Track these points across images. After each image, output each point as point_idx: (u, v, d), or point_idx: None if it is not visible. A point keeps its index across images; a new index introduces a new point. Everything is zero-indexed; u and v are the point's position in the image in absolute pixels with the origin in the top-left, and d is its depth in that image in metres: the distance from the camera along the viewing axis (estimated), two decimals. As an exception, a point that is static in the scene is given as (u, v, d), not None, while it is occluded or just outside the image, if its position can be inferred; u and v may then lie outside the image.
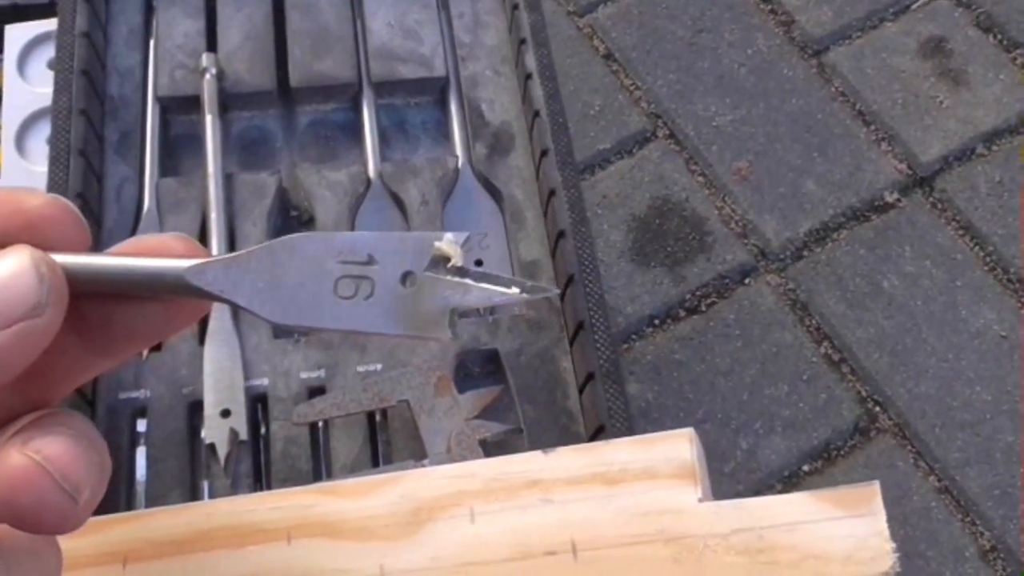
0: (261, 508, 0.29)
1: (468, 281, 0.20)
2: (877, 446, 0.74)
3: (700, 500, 0.26)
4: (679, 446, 0.26)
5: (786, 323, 0.78)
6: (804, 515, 0.24)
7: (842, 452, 0.74)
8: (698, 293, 0.79)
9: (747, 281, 0.80)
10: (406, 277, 0.19)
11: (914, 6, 0.92)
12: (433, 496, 0.28)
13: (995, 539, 0.71)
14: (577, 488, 0.27)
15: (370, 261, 0.19)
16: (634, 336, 0.77)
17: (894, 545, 0.23)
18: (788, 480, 0.72)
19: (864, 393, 0.76)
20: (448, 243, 0.20)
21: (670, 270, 0.80)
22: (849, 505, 0.24)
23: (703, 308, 0.79)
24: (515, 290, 0.20)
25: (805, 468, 0.73)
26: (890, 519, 0.72)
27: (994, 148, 0.86)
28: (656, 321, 0.78)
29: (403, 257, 0.20)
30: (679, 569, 0.25)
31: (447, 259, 0.19)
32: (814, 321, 0.78)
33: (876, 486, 0.24)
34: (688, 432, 0.27)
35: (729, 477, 0.71)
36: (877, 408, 0.76)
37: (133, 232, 0.44)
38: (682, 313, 0.78)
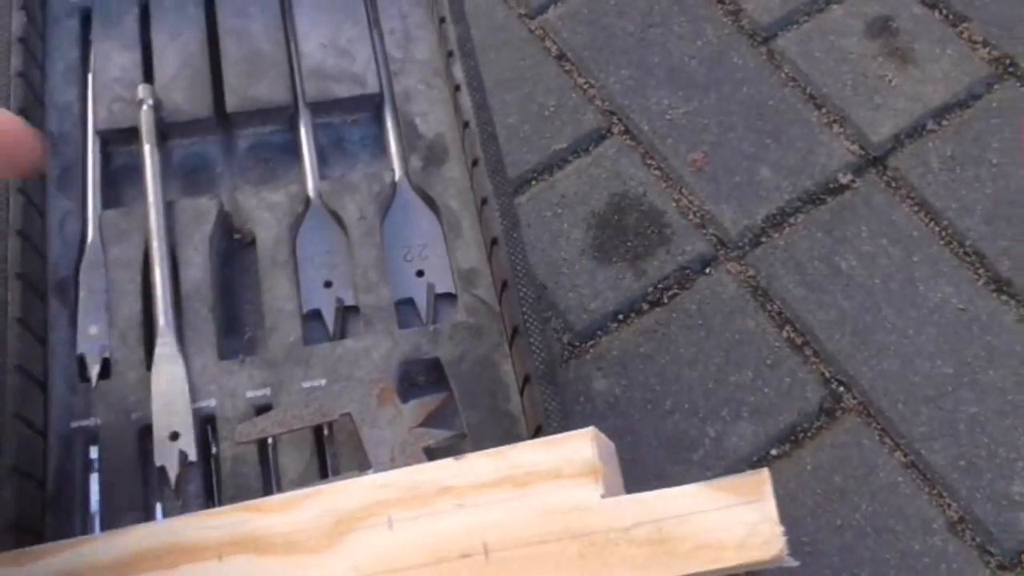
0: (194, 527, 0.30)
1: None
2: (843, 426, 0.75)
3: (603, 496, 0.27)
4: (582, 445, 0.27)
5: (748, 310, 0.79)
6: (698, 505, 0.25)
7: (809, 434, 0.75)
8: (660, 286, 0.80)
9: (707, 271, 0.81)
10: None
11: (860, -12, 0.93)
12: (353, 507, 0.29)
13: (962, 510, 0.72)
14: (488, 492, 0.28)
15: None
16: (599, 332, 0.78)
17: (783, 529, 0.24)
18: (757, 465, 0.73)
19: (828, 374, 0.77)
20: None
21: (631, 264, 0.81)
22: (741, 493, 0.25)
23: (665, 300, 0.80)
24: None
25: (773, 452, 0.74)
26: (858, 496, 0.73)
27: (944, 123, 0.87)
28: (620, 316, 0.79)
29: None
30: (585, 564, 0.26)
31: None
32: (775, 306, 0.79)
33: (765, 473, 0.25)
34: (590, 431, 0.28)
35: (698, 465, 0.72)
36: (841, 388, 0.77)
37: (78, 265, 0.45)
38: (645, 306, 0.79)
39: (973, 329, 0.78)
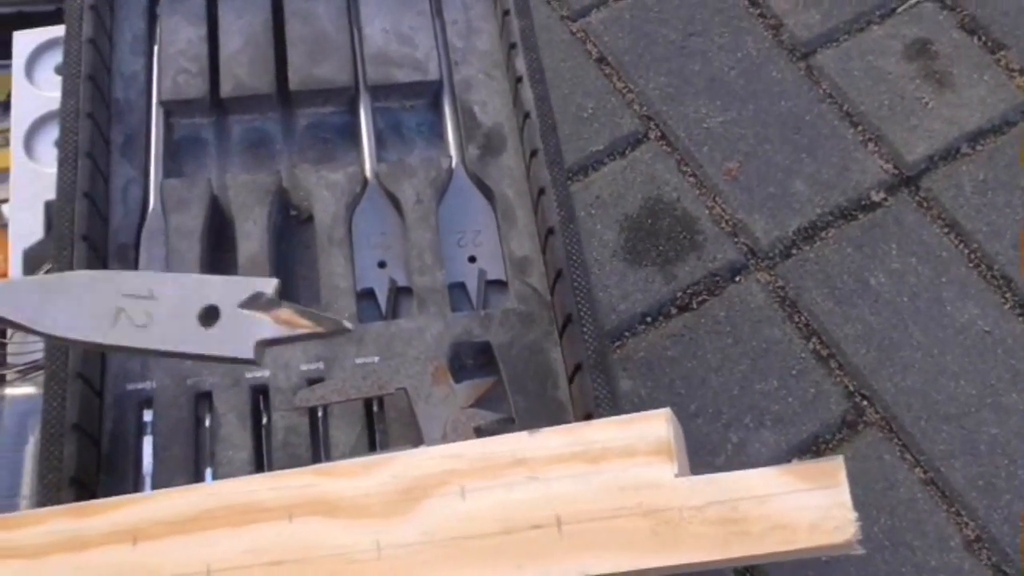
0: (262, 488, 0.31)
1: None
2: (864, 439, 0.76)
3: (676, 475, 0.27)
4: (656, 425, 0.28)
5: (775, 320, 0.79)
6: (773, 488, 0.26)
7: (830, 445, 0.75)
8: (689, 291, 0.81)
9: (737, 279, 0.82)
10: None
11: (900, 9, 0.94)
12: (425, 475, 0.29)
13: (979, 529, 0.72)
14: (561, 466, 0.28)
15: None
16: (627, 333, 0.79)
17: (856, 515, 0.25)
18: (777, 473, 0.74)
19: (851, 387, 0.78)
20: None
21: (662, 269, 0.81)
22: (815, 478, 0.26)
23: (694, 306, 0.80)
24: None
25: (794, 461, 0.75)
26: (877, 510, 0.74)
27: (978, 148, 0.87)
28: (648, 319, 0.80)
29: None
30: (657, 540, 0.26)
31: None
32: (803, 317, 0.80)
33: (840, 460, 0.26)
34: (665, 412, 0.28)
35: (720, 470, 0.72)
36: (864, 402, 0.77)
37: (139, 231, 0.46)
38: (674, 311, 0.80)
39: (998, 352, 0.79)
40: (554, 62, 0.90)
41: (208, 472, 0.41)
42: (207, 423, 0.42)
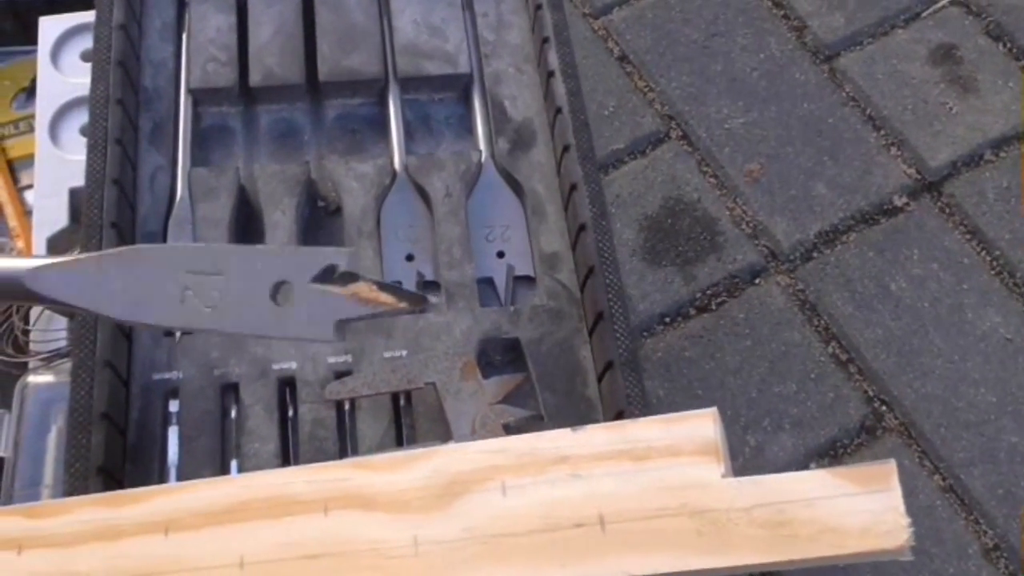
0: (297, 481, 0.31)
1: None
2: (883, 445, 0.75)
3: (723, 476, 0.27)
4: (703, 425, 0.28)
5: (795, 323, 0.79)
6: (822, 491, 0.26)
7: (848, 450, 0.75)
8: (708, 292, 0.80)
9: (757, 281, 0.81)
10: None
11: (925, 13, 0.93)
12: (465, 470, 0.29)
13: (998, 538, 0.72)
14: (604, 464, 0.28)
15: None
16: (645, 333, 0.78)
17: (909, 520, 0.25)
18: (795, 477, 0.73)
19: (871, 393, 0.77)
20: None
21: (681, 269, 0.81)
22: (865, 482, 0.25)
23: (713, 307, 0.80)
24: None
25: (812, 466, 0.74)
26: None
27: (1002, 155, 0.87)
28: (667, 319, 0.79)
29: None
30: (703, 542, 0.26)
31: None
32: (822, 321, 0.79)
33: (892, 464, 0.25)
34: (712, 412, 0.28)
35: (737, 474, 0.72)
36: (883, 407, 0.77)
37: (167, 219, 0.46)
38: (692, 311, 0.80)
39: (1019, 360, 0.78)
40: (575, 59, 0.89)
41: (234, 464, 0.41)
42: (233, 415, 0.42)
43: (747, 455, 0.73)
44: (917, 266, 0.81)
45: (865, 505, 0.25)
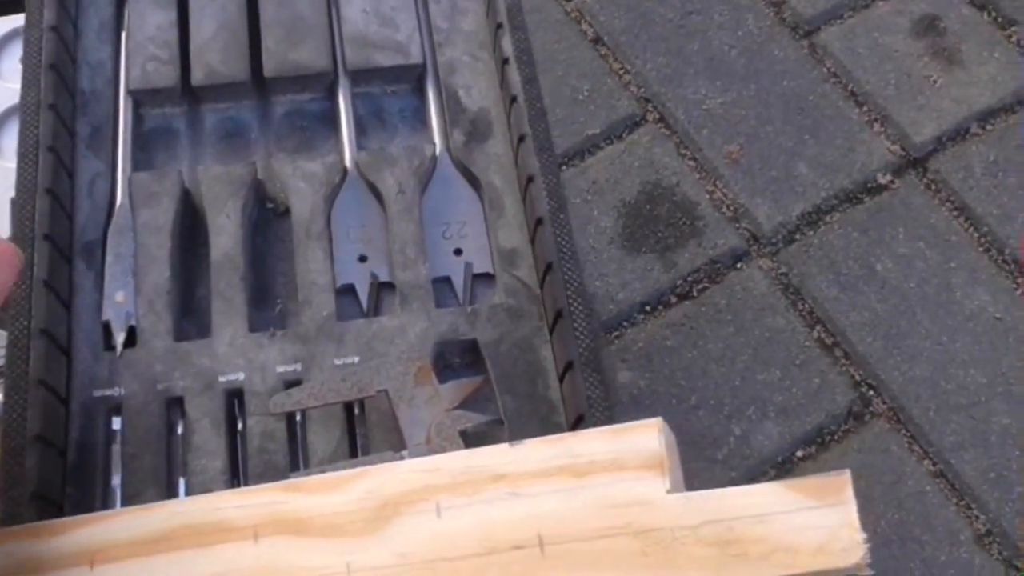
0: (228, 506, 0.29)
1: None
2: (871, 430, 0.74)
3: (669, 491, 0.25)
4: (647, 436, 0.26)
5: (778, 307, 0.77)
6: (774, 506, 0.24)
7: (836, 437, 0.73)
8: (689, 279, 0.78)
9: (739, 266, 0.79)
10: None
11: (906, -16, 0.91)
12: (399, 491, 0.27)
13: (990, 523, 0.70)
14: (544, 481, 0.26)
15: None
16: (625, 323, 0.77)
17: (865, 536, 0.23)
18: (782, 466, 0.72)
19: (858, 377, 0.75)
20: None
21: (661, 256, 0.79)
22: (819, 495, 0.24)
23: (694, 294, 0.78)
24: None
25: (799, 454, 0.73)
26: (884, 504, 0.71)
27: (988, 127, 0.85)
28: (647, 307, 0.77)
29: None
30: (647, 562, 0.24)
31: None
32: (807, 305, 0.78)
33: (847, 475, 0.24)
34: (657, 422, 0.26)
35: (722, 464, 0.71)
36: (871, 392, 0.75)
37: (106, 227, 0.44)
38: (673, 299, 0.78)
39: (1009, 339, 0.76)
40: (547, 43, 0.87)
41: (181, 482, 0.39)
42: (180, 430, 0.40)
43: (732, 444, 0.72)
44: (903, 245, 0.79)
45: (819, 520, 0.23)
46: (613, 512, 0.25)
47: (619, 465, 0.26)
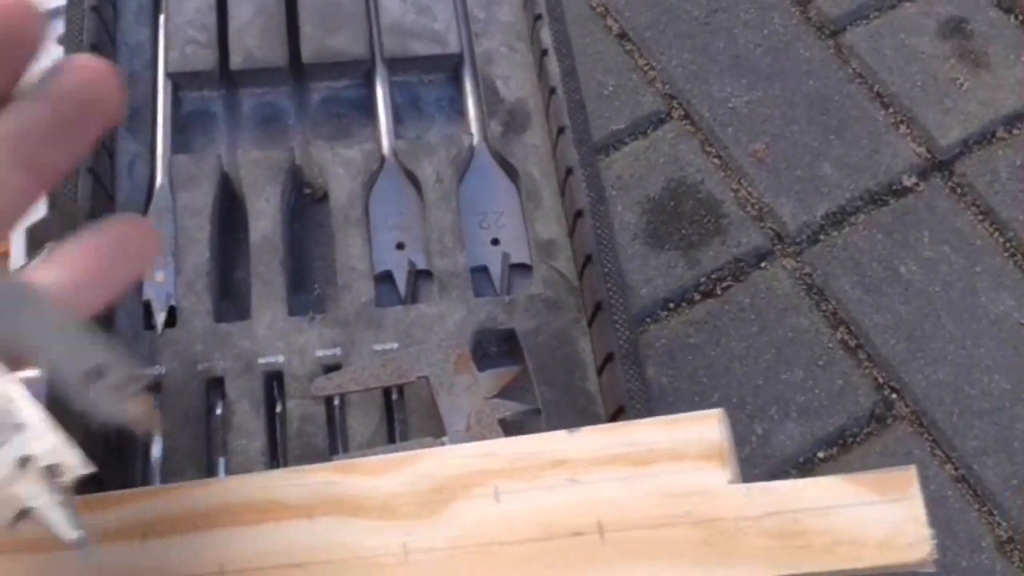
0: (281, 485, 0.29)
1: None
2: (893, 433, 0.73)
3: (730, 482, 0.25)
4: (708, 426, 0.26)
5: (802, 308, 0.77)
6: (839, 499, 0.24)
7: (858, 439, 0.73)
8: (713, 276, 0.78)
9: (763, 265, 0.79)
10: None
11: (935, -14, 0.90)
12: (456, 475, 0.27)
13: (1012, 529, 0.70)
14: (603, 469, 0.26)
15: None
16: (648, 320, 0.77)
17: (932, 531, 0.23)
18: (803, 466, 0.72)
19: (881, 379, 0.75)
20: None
21: (685, 253, 0.79)
22: (885, 490, 0.23)
23: (718, 292, 0.78)
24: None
25: (820, 455, 0.73)
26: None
27: (1015, 132, 0.84)
28: (671, 305, 0.77)
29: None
30: (709, 552, 0.24)
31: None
32: (830, 306, 0.77)
33: (913, 470, 0.23)
34: (717, 412, 0.26)
35: (744, 462, 0.70)
36: (894, 395, 0.75)
37: (146, 207, 0.44)
38: (697, 297, 0.78)
39: (1033, 344, 0.76)
40: (573, 38, 0.87)
41: (221, 461, 0.39)
42: (219, 411, 0.40)
43: (753, 443, 0.72)
44: (928, 248, 0.79)
45: (885, 515, 0.23)
46: (673, 501, 0.25)
47: (678, 455, 0.25)
